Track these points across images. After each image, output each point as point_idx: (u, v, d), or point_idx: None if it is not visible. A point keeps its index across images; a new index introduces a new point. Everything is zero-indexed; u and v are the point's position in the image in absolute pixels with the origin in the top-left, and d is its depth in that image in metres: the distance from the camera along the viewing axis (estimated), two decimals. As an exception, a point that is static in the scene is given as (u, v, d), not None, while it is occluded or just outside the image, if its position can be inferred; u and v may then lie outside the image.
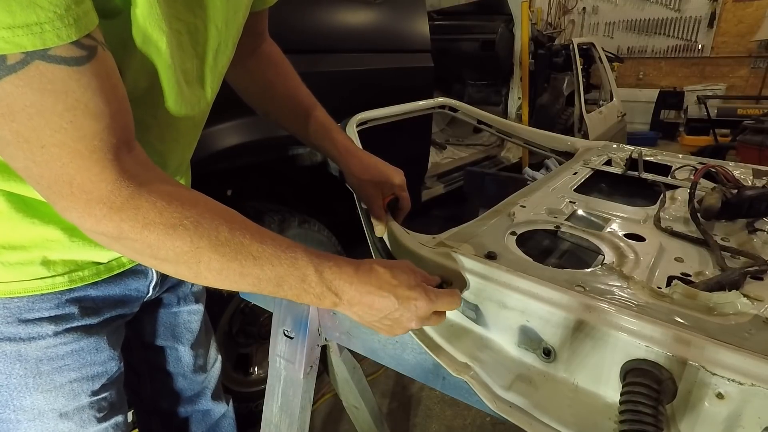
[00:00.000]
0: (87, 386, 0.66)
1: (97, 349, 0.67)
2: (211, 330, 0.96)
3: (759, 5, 6.75)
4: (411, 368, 0.74)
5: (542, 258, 0.80)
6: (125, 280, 0.70)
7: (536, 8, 7.52)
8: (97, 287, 0.66)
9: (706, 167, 1.00)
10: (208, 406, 0.94)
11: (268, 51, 0.85)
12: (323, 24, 1.71)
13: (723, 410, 0.49)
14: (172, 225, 0.47)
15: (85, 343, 0.65)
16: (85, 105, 0.42)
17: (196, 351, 0.90)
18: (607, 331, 0.55)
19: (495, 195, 1.19)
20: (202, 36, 0.57)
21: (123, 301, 0.71)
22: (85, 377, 0.66)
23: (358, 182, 0.87)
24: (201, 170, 1.37)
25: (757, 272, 0.67)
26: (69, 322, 0.63)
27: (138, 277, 0.72)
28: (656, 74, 7.94)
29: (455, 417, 1.81)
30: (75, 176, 0.44)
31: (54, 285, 0.60)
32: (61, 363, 0.63)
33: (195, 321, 0.89)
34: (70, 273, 0.61)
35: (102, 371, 0.68)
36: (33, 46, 0.37)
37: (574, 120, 3.25)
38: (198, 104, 0.63)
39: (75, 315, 0.63)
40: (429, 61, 2.18)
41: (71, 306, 0.63)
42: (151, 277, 0.75)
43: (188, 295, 0.87)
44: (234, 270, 0.50)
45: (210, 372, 0.94)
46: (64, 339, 0.62)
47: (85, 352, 0.65)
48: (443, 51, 3.43)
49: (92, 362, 0.66)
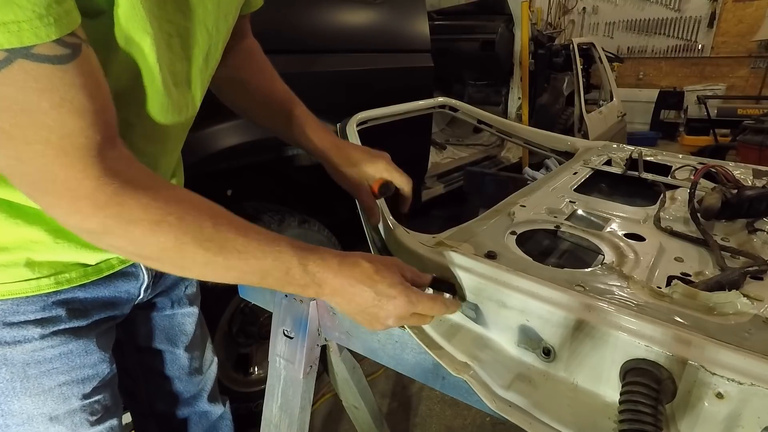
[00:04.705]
0: (77, 389, 0.65)
1: (86, 351, 0.65)
2: (206, 332, 0.95)
3: (759, 5, 6.75)
4: (411, 368, 0.74)
5: (542, 258, 0.80)
6: (115, 282, 0.68)
7: (536, 8, 7.51)
8: (86, 289, 0.64)
9: (706, 167, 1.00)
10: (205, 408, 0.93)
11: (248, 47, 0.83)
12: (323, 24, 1.71)
13: (723, 410, 0.49)
14: (156, 221, 0.47)
15: (74, 346, 0.64)
16: (69, 102, 0.42)
17: (192, 353, 0.89)
18: (606, 331, 0.55)
19: (495, 195, 1.19)
20: (193, 39, 0.57)
21: (112, 303, 0.69)
22: (75, 380, 0.65)
23: (341, 175, 0.82)
24: (201, 170, 1.38)
25: (757, 272, 0.67)
26: (56, 324, 0.61)
27: (128, 279, 0.71)
28: (656, 74, 7.94)
29: (455, 417, 1.81)
30: (59, 173, 0.44)
31: (39, 287, 0.59)
32: (49, 366, 0.62)
33: (189, 323, 0.88)
34: (56, 275, 0.60)
35: (93, 374, 0.67)
36: (9, 44, 0.37)
37: (574, 120, 3.26)
38: (187, 107, 0.62)
39: (62, 317, 0.62)
40: (429, 61, 2.18)
41: (58, 308, 0.61)
42: (142, 279, 0.73)
43: (182, 298, 0.86)
44: (219, 264, 0.50)
45: (206, 374, 0.94)
46: (51, 342, 0.61)
47: (74, 355, 0.64)
48: (443, 51, 3.42)
49: (82, 365, 0.65)
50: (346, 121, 1.14)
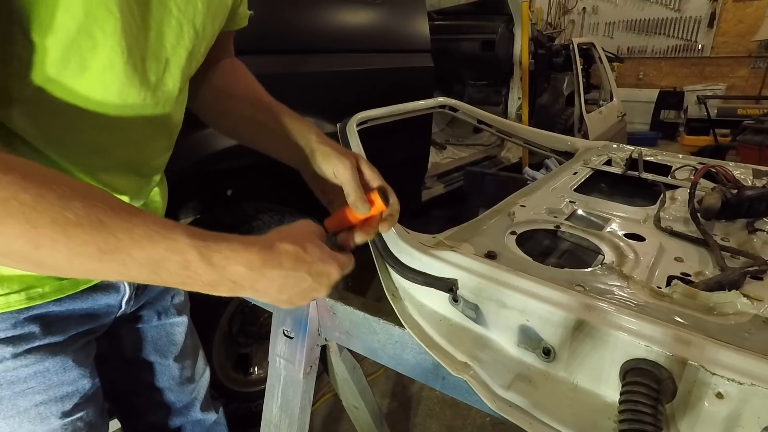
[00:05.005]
0: (56, 408, 0.61)
1: (64, 368, 0.61)
2: (197, 341, 0.92)
3: (759, 5, 6.75)
4: (411, 368, 0.74)
5: (542, 258, 0.80)
6: (94, 295, 0.64)
7: (536, 8, 7.53)
8: (61, 303, 0.60)
9: (706, 167, 1.00)
10: (198, 416, 0.90)
11: (231, 63, 0.78)
12: (323, 24, 1.71)
13: (723, 410, 0.49)
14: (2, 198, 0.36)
15: (50, 363, 0.59)
16: None
17: (182, 363, 0.85)
18: (606, 331, 0.55)
19: (495, 195, 1.19)
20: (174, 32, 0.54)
21: (91, 316, 0.65)
22: (53, 399, 0.61)
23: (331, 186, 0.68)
24: (201, 170, 1.38)
25: (757, 272, 0.67)
26: (29, 342, 0.57)
27: (108, 292, 0.66)
28: (656, 74, 7.94)
29: (455, 417, 1.81)
30: None
31: (9, 304, 0.54)
32: (24, 386, 0.58)
33: (179, 333, 0.84)
34: (27, 290, 0.55)
35: (72, 390, 0.63)
36: None
37: (574, 120, 3.26)
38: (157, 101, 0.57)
39: (36, 334, 0.57)
40: (429, 61, 2.18)
41: (31, 325, 0.57)
42: (123, 291, 0.68)
43: (169, 309, 0.82)
44: (90, 255, 0.40)
45: (199, 382, 0.90)
46: (25, 361, 0.57)
47: (51, 373, 0.60)
48: (443, 51, 3.43)
49: (60, 382, 0.61)
50: (346, 121, 1.14)
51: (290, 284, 0.50)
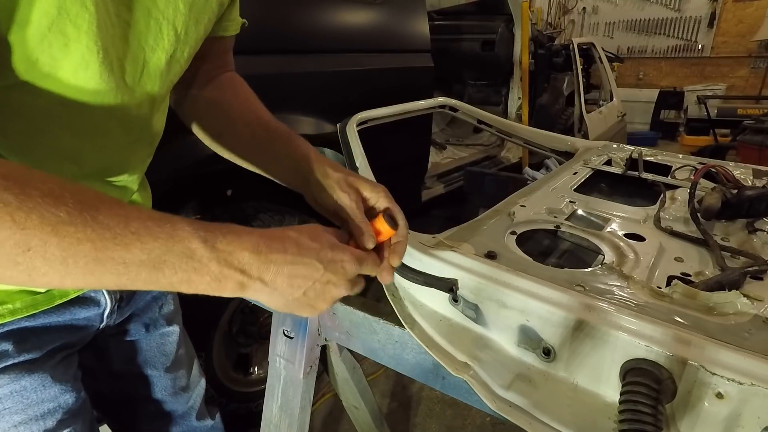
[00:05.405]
0: (37, 427, 0.58)
1: (43, 385, 0.58)
2: (191, 349, 0.89)
3: (759, 5, 6.75)
4: (411, 368, 0.74)
5: (542, 258, 0.80)
6: (72, 309, 0.60)
7: (536, 8, 7.52)
8: (35, 318, 0.56)
9: (706, 167, 1.00)
10: (194, 425, 0.88)
11: (230, 79, 0.75)
12: (323, 24, 1.71)
13: (723, 410, 0.49)
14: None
15: (27, 382, 0.56)
16: None
17: (175, 373, 0.82)
18: (606, 331, 0.55)
19: (495, 195, 1.19)
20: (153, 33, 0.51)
21: (68, 329, 0.61)
22: (33, 418, 0.57)
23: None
24: (201, 170, 1.38)
25: (757, 272, 0.67)
26: (2, 360, 0.54)
27: (87, 305, 0.63)
28: (656, 74, 7.94)
29: (455, 417, 1.81)
30: None
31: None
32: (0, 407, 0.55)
33: (170, 343, 0.80)
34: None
35: (54, 407, 0.59)
36: None
37: (574, 120, 3.26)
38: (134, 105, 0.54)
39: (9, 352, 0.54)
40: (429, 61, 2.18)
41: (3, 343, 0.54)
42: (104, 305, 0.65)
43: (157, 320, 0.78)
44: (86, 255, 0.36)
45: (195, 391, 0.87)
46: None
47: (29, 391, 0.56)
48: (443, 51, 3.43)
49: (39, 400, 0.58)
50: (346, 121, 1.14)
51: (300, 274, 0.46)
